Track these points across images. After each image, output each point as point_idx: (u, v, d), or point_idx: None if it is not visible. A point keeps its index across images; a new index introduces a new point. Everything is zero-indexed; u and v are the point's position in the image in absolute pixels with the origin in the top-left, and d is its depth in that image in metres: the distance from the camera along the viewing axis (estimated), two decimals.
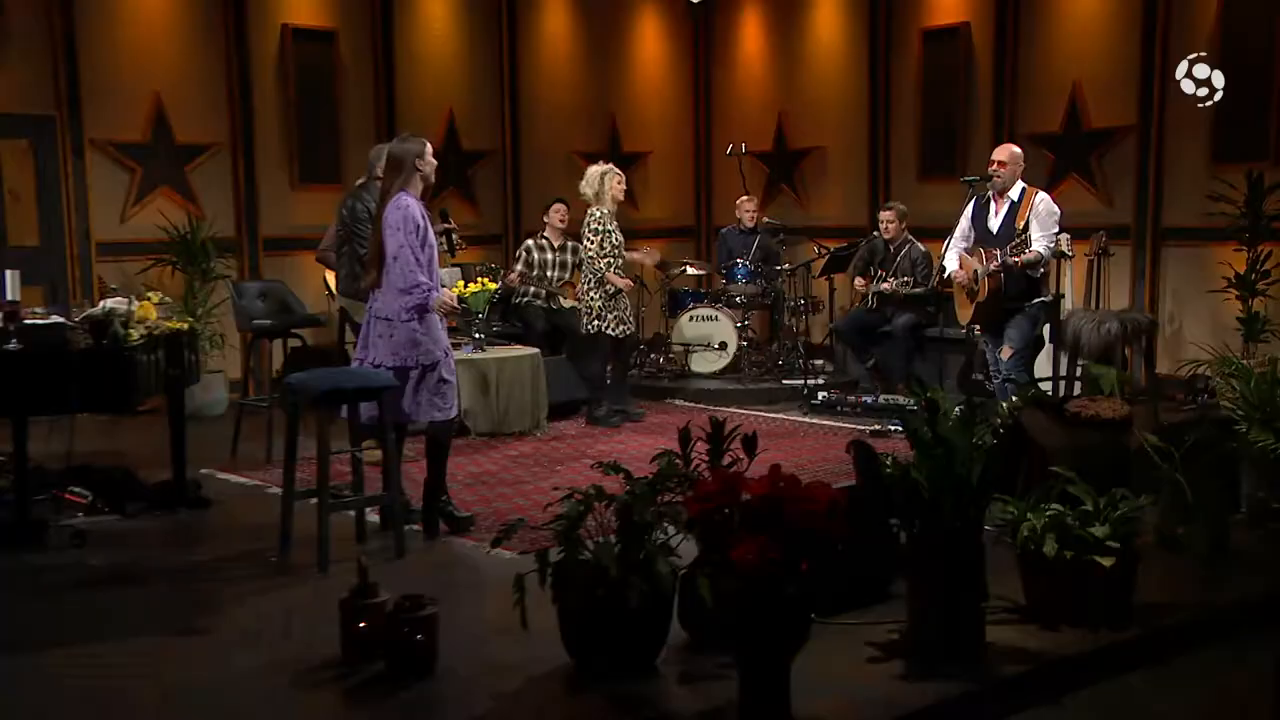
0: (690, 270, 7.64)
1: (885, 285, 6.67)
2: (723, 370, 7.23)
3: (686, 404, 6.86)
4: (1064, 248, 5.90)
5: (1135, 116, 6.80)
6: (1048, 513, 3.13)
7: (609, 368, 6.21)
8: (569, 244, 7.18)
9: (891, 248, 6.84)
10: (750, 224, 7.68)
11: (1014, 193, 5.14)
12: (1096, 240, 6.08)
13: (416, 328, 3.99)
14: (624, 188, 6.07)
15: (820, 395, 6.54)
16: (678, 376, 7.29)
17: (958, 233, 5.33)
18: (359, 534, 3.99)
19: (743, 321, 7.40)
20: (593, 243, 6.09)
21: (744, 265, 7.35)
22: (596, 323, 6.09)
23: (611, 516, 2.85)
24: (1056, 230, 5.06)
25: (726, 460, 3.01)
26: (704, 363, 7.28)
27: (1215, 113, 6.46)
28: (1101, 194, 7.07)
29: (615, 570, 2.63)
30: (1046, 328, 5.84)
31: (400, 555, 3.82)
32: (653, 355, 7.55)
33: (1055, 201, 5.21)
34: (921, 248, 6.84)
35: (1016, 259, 4.91)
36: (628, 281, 6.19)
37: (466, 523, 4.14)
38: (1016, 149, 5.18)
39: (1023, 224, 5.04)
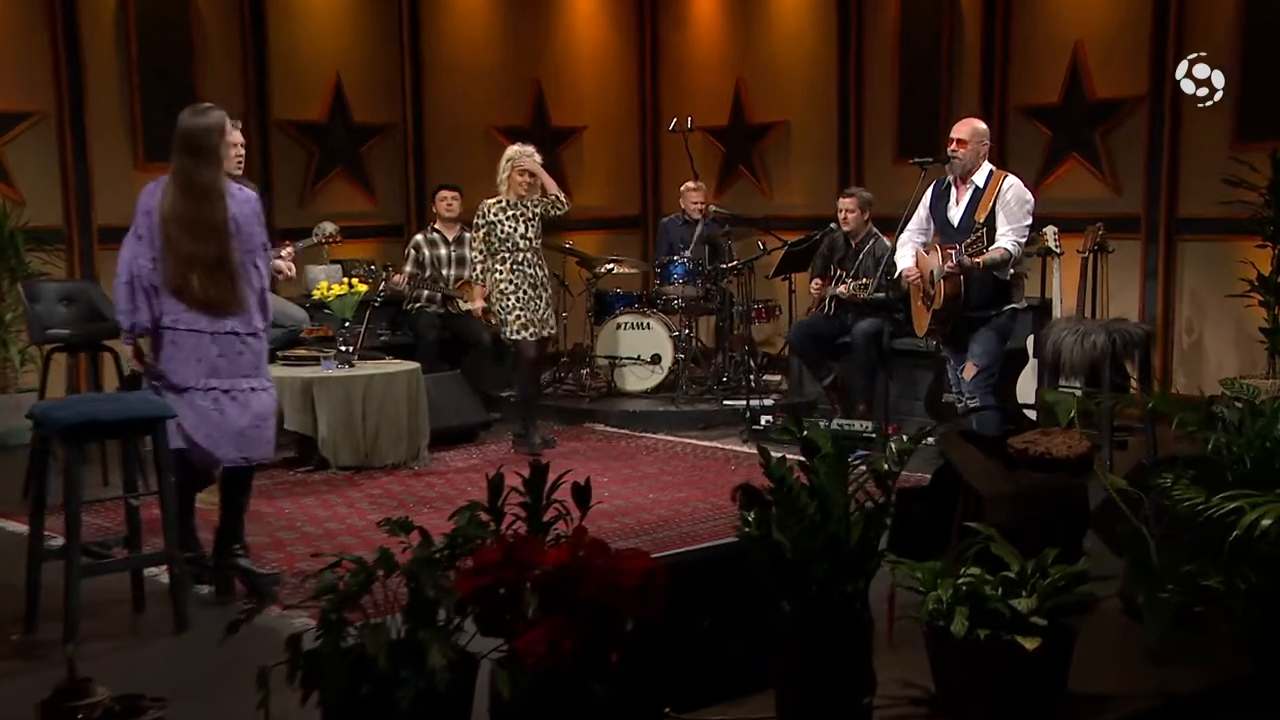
0: (619, 268, 7.54)
1: (841, 288, 6.50)
2: (655, 388, 7.19)
3: (608, 429, 6.80)
4: (1050, 242, 5.88)
5: (1147, 85, 6.74)
6: (961, 581, 2.87)
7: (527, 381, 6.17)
8: (467, 235, 7.04)
9: (853, 243, 6.68)
10: (697, 214, 7.60)
11: (978, 177, 4.98)
12: (1092, 234, 5.94)
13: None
14: (527, 179, 6.00)
15: (764, 419, 6.45)
16: (601, 396, 7.21)
17: (913, 223, 5.18)
18: (136, 601, 3.75)
19: (685, 330, 7.33)
20: (475, 241, 6.09)
21: (681, 262, 7.23)
22: (504, 330, 6.05)
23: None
24: (1028, 223, 4.90)
25: (552, 514, 2.77)
26: (633, 379, 7.24)
27: (1241, 83, 6.37)
28: (1107, 178, 7.01)
29: (385, 661, 2.37)
30: (1031, 339, 5.68)
31: (181, 629, 3.57)
32: (572, 370, 7.46)
33: (1029, 188, 5.08)
34: (887, 242, 6.59)
35: (976, 259, 4.70)
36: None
37: (267, 583, 3.90)
38: (980, 125, 5.03)
39: (985, 215, 4.87)
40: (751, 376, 7.30)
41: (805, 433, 2.82)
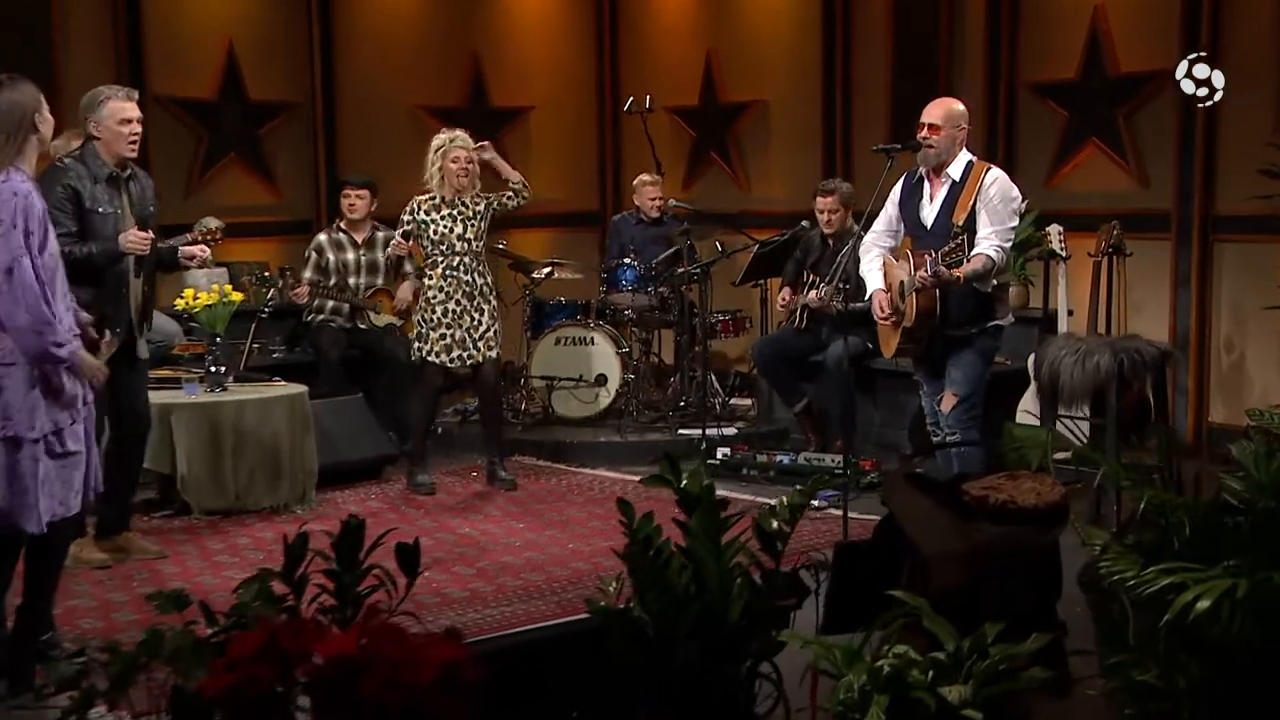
0: (560, 273, 7.47)
1: (813, 295, 6.40)
2: (600, 415, 7.11)
3: (538, 463, 6.73)
4: (1054, 244, 5.82)
5: (1178, 57, 6.58)
6: (882, 663, 2.70)
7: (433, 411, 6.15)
8: (379, 236, 6.94)
9: (831, 244, 6.54)
10: (654, 212, 7.55)
11: (955, 169, 4.82)
12: (1105, 233, 5.81)
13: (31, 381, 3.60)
14: (468, 168, 5.93)
15: (720, 452, 6.34)
16: (535, 423, 7.14)
17: (879, 224, 5.05)
18: None
19: (639, 344, 7.32)
20: (395, 244, 6.07)
21: (630, 266, 7.12)
22: (419, 345, 5.96)
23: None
24: (1013, 224, 4.75)
25: (371, 582, 2.60)
26: (574, 404, 7.15)
27: None
28: (1131, 167, 6.88)
29: None
30: (1032, 359, 5.53)
31: None
32: (502, 393, 7.26)
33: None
34: None
35: (956, 271, 4.57)
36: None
37: (68, 675, 3.69)
38: (957, 105, 4.88)
39: (965, 215, 4.71)
40: (717, 401, 7.28)
41: (684, 480, 2.66)
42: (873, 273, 4.96)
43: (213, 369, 5.61)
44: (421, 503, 5.88)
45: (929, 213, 4.86)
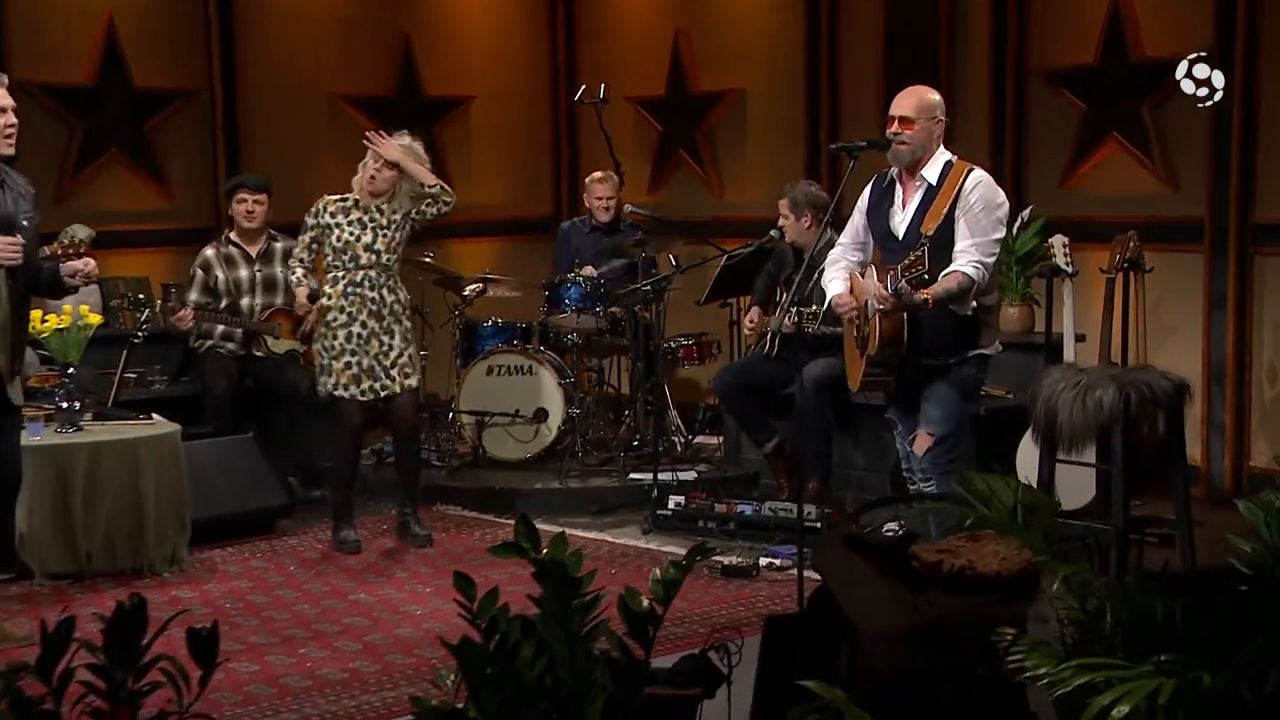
0: (494, 290, 7.47)
1: (784, 318, 6.19)
2: (539, 456, 7.08)
3: (462, 514, 6.65)
4: (1059, 258, 5.78)
5: (1211, 37, 6.53)
6: None
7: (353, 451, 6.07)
8: (277, 248, 6.89)
9: (807, 257, 6.37)
10: (604, 215, 7.53)
11: (931, 170, 4.75)
12: (1121, 245, 5.71)
13: None
14: (378, 173, 5.87)
15: (673, 502, 6.26)
16: (465, 466, 7.11)
17: (846, 235, 5.01)
18: None
19: (592, 373, 7.37)
20: (298, 251, 6.02)
21: (575, 283, 7.06)
22: (324, 380, 5.90)
23: None
24: (997, 236, 4.66)
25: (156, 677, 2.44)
26: (509, 444, 7.12)
27: None
28: (1158, 166, 6.82)
29: None
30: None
31: None
32: (426, 431, 7.28)
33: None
34: None
35: (923, 291, 4.49)
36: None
37: None
38: (931, 95, 4.80)
39: (937, 224, 4.62)
40: (679, 440, 7.29)
41: (522, 542, 2.50)
42: (834, 281, 4.93)
43: (64, 405, 5.46)
44: (314, 563, 5.77)
45: (900, 221, 4.78)
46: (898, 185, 4.81)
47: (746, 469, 6.92)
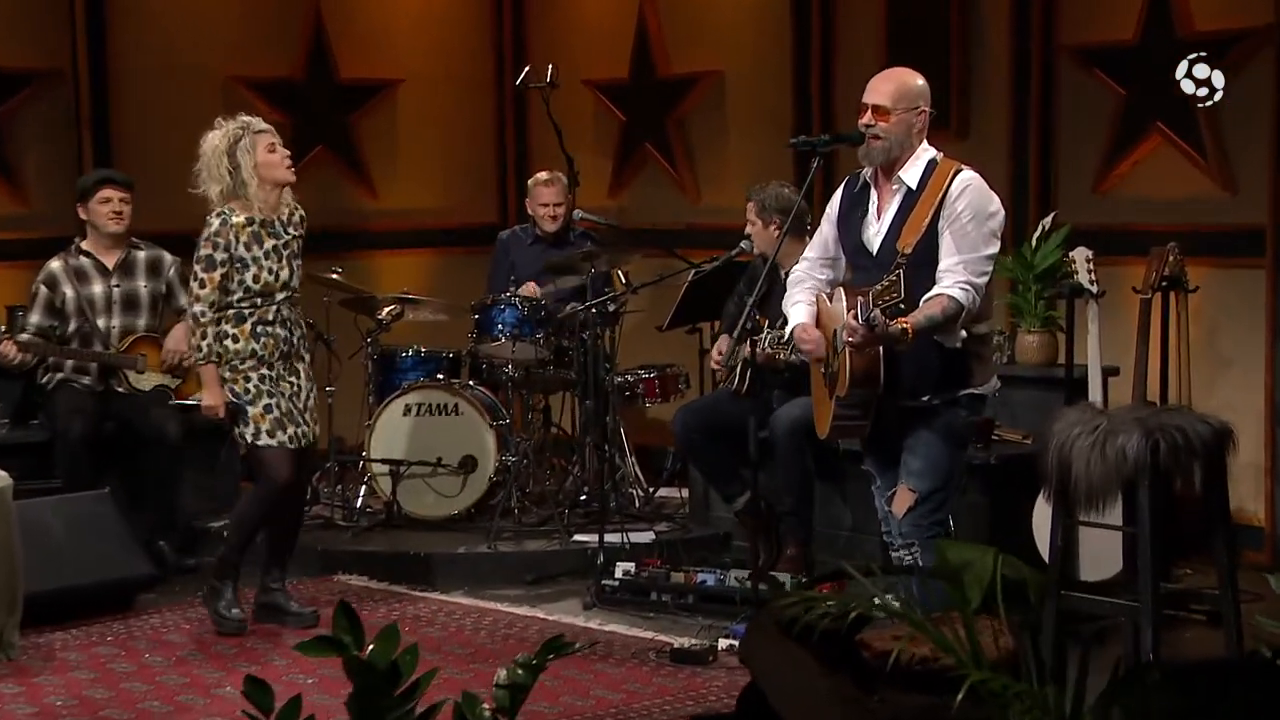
0: (414, 312, 7.42)
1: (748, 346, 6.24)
2: (466, 512, 7.09)
3: (370, 585, 6.59)
4: (1081, 275, 5.79)
5: (1273, 9, 6.55)
6: None
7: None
8: (140, 258, 6.84)
9: (784, 273, 6.36)
10: (549, 224, 7.58)
11: (910, 171, 4.74)
12: (1158, 260, 5.71)
13: None
14: (286, 164, 5.81)
15: (620, 570, 6.22)
16: (376, 526, 7.07)
17: (813, 249, 5.03)
18: None
19: (533, 413, 7.38)
20: (194, 277, 5.85)
21: (509, 305, 7.07)
22: (241, 430, 5.84)
23: None
24: (990, 251, 4.64)
25: None
26: (428, 499, 7.09)
27: None
28: (1211, 164, 6.79)
29: None
30: None
31: None
32: (330, 483, 7.33)
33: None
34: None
35: (899, 321, 4.46)
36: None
37: None
38: (913, 80, 4.78)
39: (916, 238, 4.61)
40: (637, 493, 7.32)
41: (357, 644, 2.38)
42: (797, 306, 4.94)
43: None
44: (177, 648, 5.65)
45: (875, 233, 4.78)
46: (872, 189, 4.79)
47: (717, 529, 6.92)
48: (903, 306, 4.42)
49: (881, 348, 4.55)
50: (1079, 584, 5.29)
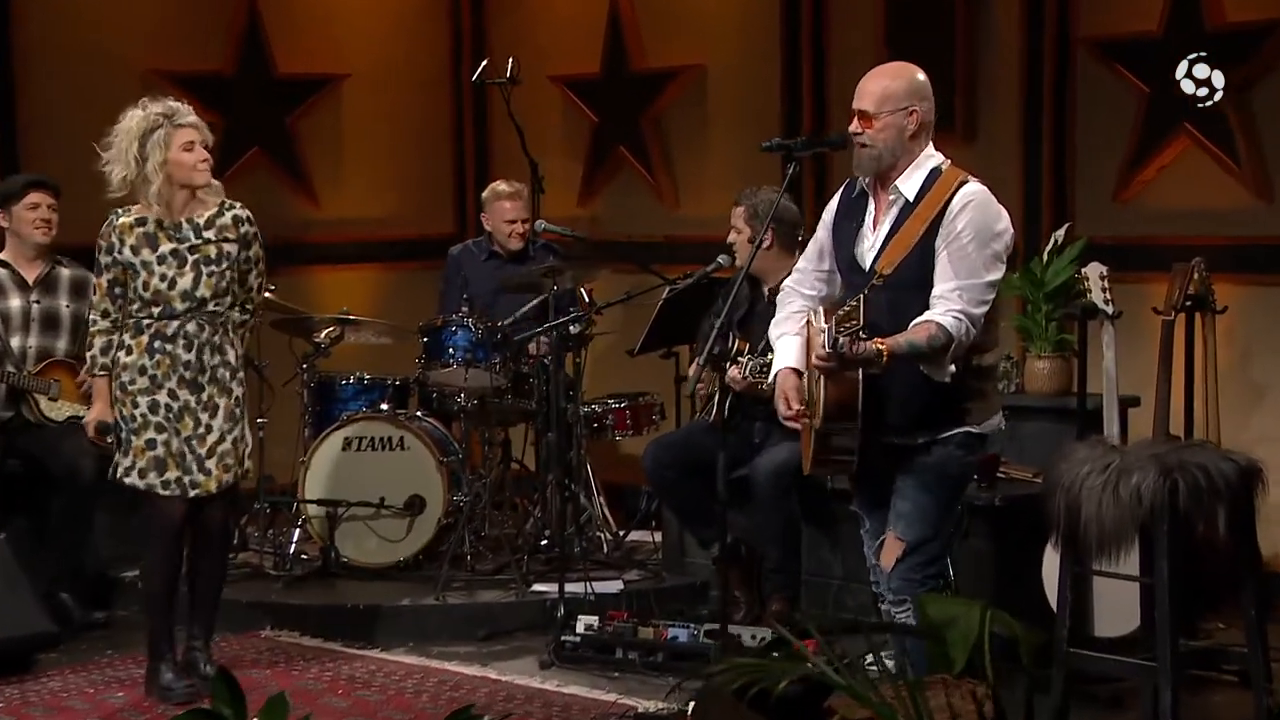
0: (356, 335, 7.46)
1: (732, 375, 6.30)
2: (413, 559, 7.10)
3: (301, 642, 6.58)
4: (1095, 295, 5.78)
5: None
6: None
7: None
8: (64, 274, 6.87)
9: (766, 292, 6.49)
10: (514, 241, 7.70)
11: (909, 180, 4.70)
12: (1182, 278, 5.70)
13: None
14: (200, 166, 5.73)
15: (582, 624, 6.20)
16: (308, 576, 7.05)
17: (806, 260, 4.98)
18: None
19: (490, 446, 7.41)
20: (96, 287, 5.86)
21: (462, 326, 7.07)
22: (118, 461, 5.79)
23: None
24: (992, 277, 4.59)
25: None
26: (370, 545, 7.11)
27: None
28: (1245, 169, 6.82)
29: None
30: None
31: None
32: (261, 525, 7.34)
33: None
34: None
35: (877, 342, 4.44)
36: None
37: None
38: (904, 78, 4.72)
39: (902, 256, 4.60)
40: (605, 537, 7.32)
41: None
42: (784, 339, 4.90)
43: None
44: (75, 716, 5.62)
45: (869, 247, 4.74)
46: (870, 198, 4.77)
47: (694, 577, 6.91)
48: (862, 335, 4.40)
49: (861, 377, 4.52)
50: (1091, 641, 5.29)
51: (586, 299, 7.04)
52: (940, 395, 4.63)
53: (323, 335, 7.16)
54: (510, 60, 7.58)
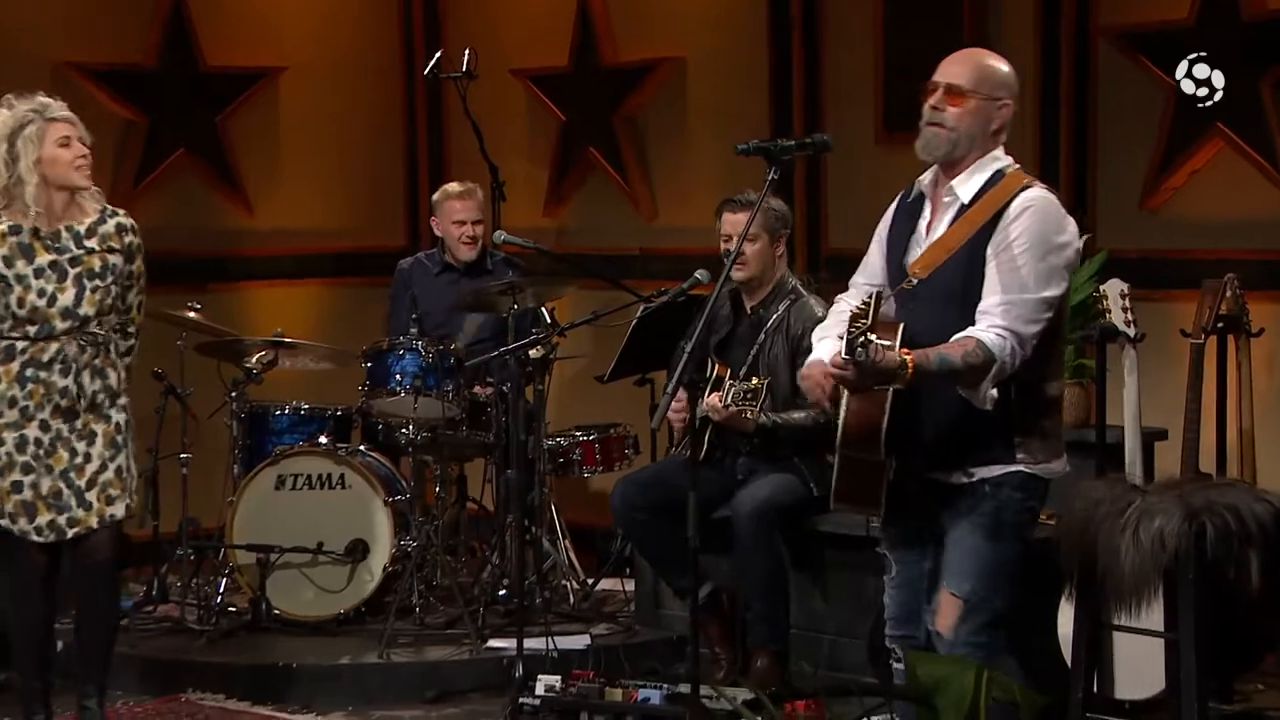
0: (292, 360, 7.45)
1: (713, 400, 6.41)
2: (353, 611, 7.09)
3: (230, 705, 6.59)
4: (1114, 312, 5.83)
5: None
6: None
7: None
8: None
9: (750, 309, 6.60)
10: (465, 250, 7.69)
11: (968, 180, 4.69)
12: (1211, 296, 5.74)
13: None
14: (77, 164, 5.71)
15: (542, 685, 6.15)
16: (236, 631, 7.06)
17: (861, 274, 4.97)
18: None
19: (444, 484, 7.46)
20: None
21: (410, 350, 7.09)
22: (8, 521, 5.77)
23: None
24: (1050, 294, 4.55)
25: None
26: (305, 596, 7.13)
27: None
28: None
29: None
30: None
31: None
32: (182, 576, 7.29)
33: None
34: (820, 310, 6.49)
35: (903, 352, 4.43)
36: None
37: None
38: (1001, 65, 4.72)
39: (946, 258, 4.59)
40: (571, 585, 7.36)
41: None
42: (825, 341, 4.82)
43: None
44: None
45: (920, 253, 4.73)
46: (926, 201, 4.75)
47: (670, 630, 6.92)
48: (868, 339, 4.33)
49: (890, 398, 4.48)
50: (1112, 705, 5.29)
51: (548, 319, 7.03)
52: (987, 425, 4.58)
53: (255, 360, 7.12)
54: (467, 52, 7.62)
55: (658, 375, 7.48)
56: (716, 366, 6.59)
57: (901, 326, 4.56)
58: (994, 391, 4.56)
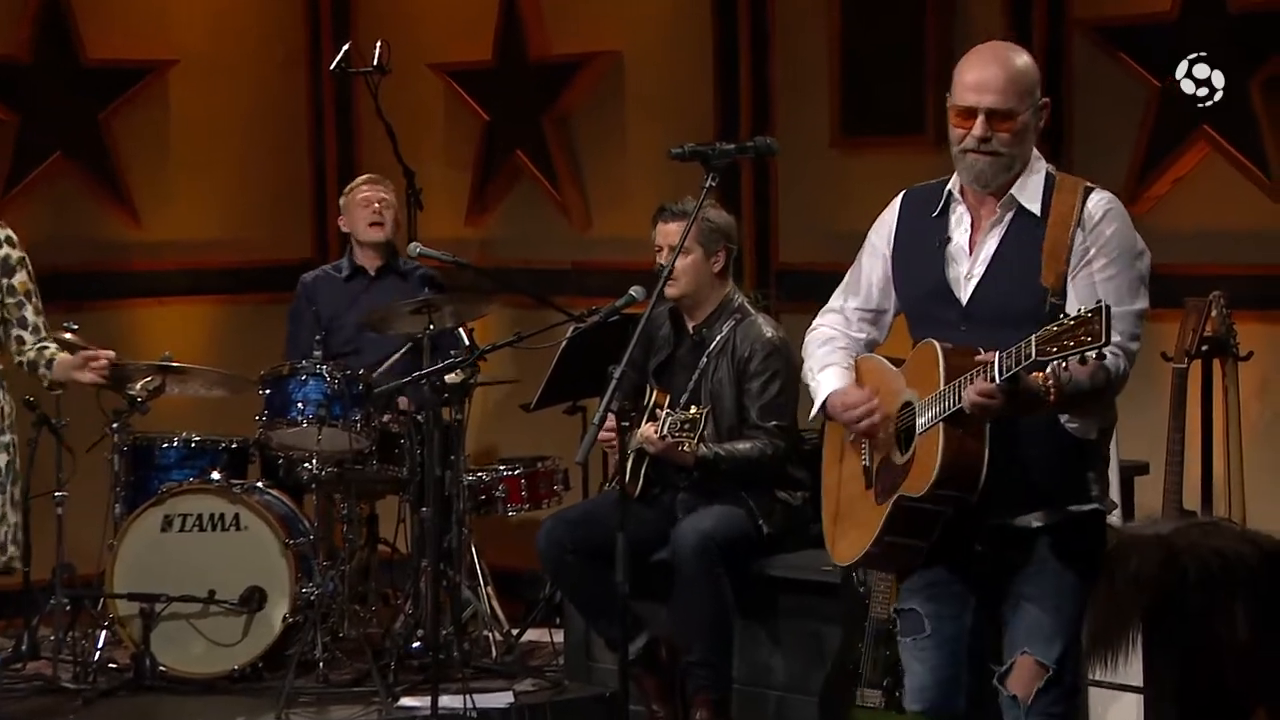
0: (181, 385, 7.45)
1: (645, 434, 6.47)
2: (249, 667, 7.11)
3: None
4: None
5: None
6: None
7: None
8: None
9: (692, 329, 6.74)
10: (378, 234, 7.77)
11: (1027, 188, 4.65)
12: (1195, 314, 5.80)
13: None
14: None
15: None
16: (117, 689, 7.06)
17: (846, 297, 4.91)
18: None
19: (343, 525, 7.42)
20: None
21: (314, 375, 7.12)
22: None
23: None
24: (1143, 306, 4.55)
25: None
26: (195, 650, 7.16)
27: None
28: (1276, 179, 6.90)
29: None
30: None
31: None
32: (56, 628, 7.29)
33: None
34: (770, 330, 6.78)
35: (1040, 376, 4.33)
36: None
37: None
38: (1026, 59, 4.63)
39: (1062, 270, 4.50)
40: (494, 637, 7.41)
41: None
42: (828, 370, 4.77)
43: None
44: None
45: (965, 273, 4.66)
46: (958, 209, 4.70)
47: (602, 686, 6.94)
48: (1027, 355, 4.24)
49: (988, 433, 4.41)
50: None
51: (466, 341, 7.09)
52: (1070, 460, 4.54)
53: (139, 387, 7.04)
54: (379, 44, 7.66)
55: (589, 403, 7.46)
56: (655, 392, 6.65)
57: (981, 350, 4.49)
58: (1096, 419, 4.55)
